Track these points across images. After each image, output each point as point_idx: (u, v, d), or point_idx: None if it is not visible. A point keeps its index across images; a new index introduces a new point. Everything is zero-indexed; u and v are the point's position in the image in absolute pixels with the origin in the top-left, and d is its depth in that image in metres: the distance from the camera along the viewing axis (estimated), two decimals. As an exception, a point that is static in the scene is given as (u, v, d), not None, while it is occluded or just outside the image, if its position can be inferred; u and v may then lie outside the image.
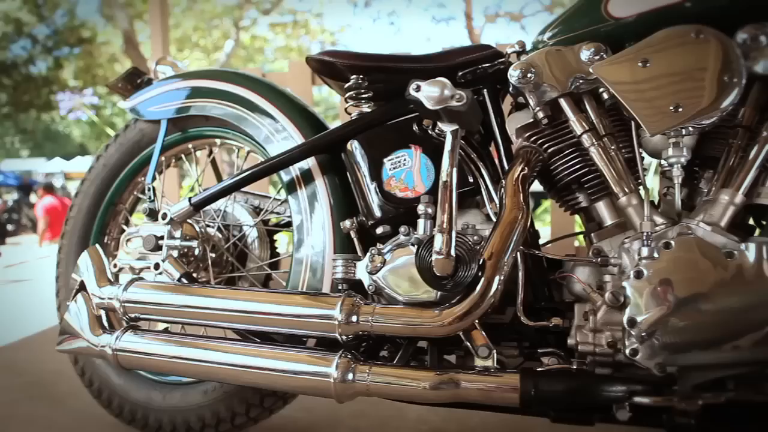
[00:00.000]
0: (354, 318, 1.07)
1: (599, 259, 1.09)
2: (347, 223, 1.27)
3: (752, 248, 0.93)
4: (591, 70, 1.06)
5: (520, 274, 1.14)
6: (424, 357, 1.15)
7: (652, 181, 2.76)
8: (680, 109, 0.97)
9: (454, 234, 1.02)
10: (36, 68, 15.14)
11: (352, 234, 1.27)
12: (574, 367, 1.06)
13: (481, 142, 1.29)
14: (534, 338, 1.16)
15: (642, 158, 1.17)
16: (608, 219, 1.15)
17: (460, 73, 1.30)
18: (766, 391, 0.86)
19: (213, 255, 1.54)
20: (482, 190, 1.23)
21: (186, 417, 1.41)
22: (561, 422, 1.03)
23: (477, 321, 1.02)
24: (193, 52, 17.06)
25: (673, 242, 0.97)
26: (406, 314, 1.04)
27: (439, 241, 1.02)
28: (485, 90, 1.29)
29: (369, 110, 1.32)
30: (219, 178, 1.84)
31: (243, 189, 1.61)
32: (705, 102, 0.96)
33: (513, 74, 1.16)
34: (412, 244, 1.12)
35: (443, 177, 1.03)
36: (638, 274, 0.98)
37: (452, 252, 1.01)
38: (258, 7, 16.02)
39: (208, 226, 1.57)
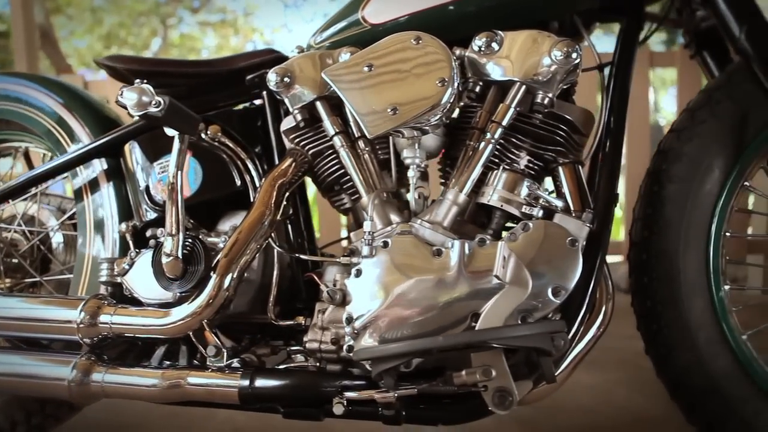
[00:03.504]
0: (95, 320, 1.07)
1: (342, 258, 1.12)
2: (122, 226, 1.27)
3: (456, 246, 0.97)
4: (322, 75, 1.08)
5: (275, 274, 1.17)
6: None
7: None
8: (397, 112, 1.01)
9: (181, 236, 1.03)
10: (-55, 62, 14.41)
11: (128, 237, 1.27)
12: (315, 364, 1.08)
13: (263, 145, 1.31)
14: (297, 337, 1.18)
15: (409, 162, 1.20)
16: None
17: (248, 77, 1.31)
18: (453, 383, 0.90)
19: (15, 261, 1.52)
20: (250, 192, 1.25)
21: (-33, 427, 1.38)
22: (291, 418, 1.05)
23: (206, 321, 1.04)
24: (121, 50, 16.58)
25: (390, 241, 1.01)
26: (138, 315, 1.05)
27: (168, 244, 1.03)
28: (264, 93, 1.31)
29: (150, 113, 1.32)
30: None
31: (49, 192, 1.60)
32: (418, 104, 1.00)
33: (270, 78, 1.18)
34: (151, 247, 1.13)
35: (169, 180, 1.04)
36: (358, 273, 1.01)
37: (179, 254, 1.03)
38: (186, 4, 15.68)
39: (5, 230, 1.53)
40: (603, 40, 1.73)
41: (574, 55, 1.02)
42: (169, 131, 1.04)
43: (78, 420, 1.51)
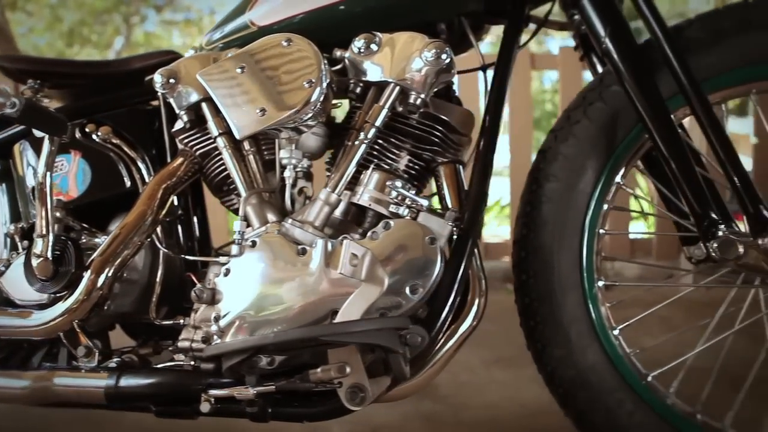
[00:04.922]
0: (-33, 322, 1.07)
1: (221, 258, 1.12)
2: (11, 227, 1.26)
3: (319, 245, 0.99)
4: (197, 76, 1.09)
5: (159, 274, 1.17)
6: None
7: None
8: (265, 113, 1.02)
9: (51, 237, 1.03)
10: None
11: (16, 239, 1.26)
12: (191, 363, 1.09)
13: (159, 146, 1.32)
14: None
15: (285, 162, 1.19)
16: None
17: (145, 78, 1.31)
18: (310, 380, 0.92)
19: None
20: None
21: None
22: (162, 417, 1.06)
23: (78, 322, 1.04)
24: (84, 48, 16.31)
25: (258, 240, 1.02)
26: (9, 317, 1.05)
27: (38, 245, 1.03)
28: (160, 94, 1.31)
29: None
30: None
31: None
32: (286, 105, 1.01)
33: (156, 80, 1.17)
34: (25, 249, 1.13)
35: (38, 180, 1.04)
36: (226, 272, 1.02)
37: (49, 255, 1.03)
38: (149, 2, 15.48)
39: None
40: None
41: (443, 56, 1.04)
42: (38, 132, 1.04)
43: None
